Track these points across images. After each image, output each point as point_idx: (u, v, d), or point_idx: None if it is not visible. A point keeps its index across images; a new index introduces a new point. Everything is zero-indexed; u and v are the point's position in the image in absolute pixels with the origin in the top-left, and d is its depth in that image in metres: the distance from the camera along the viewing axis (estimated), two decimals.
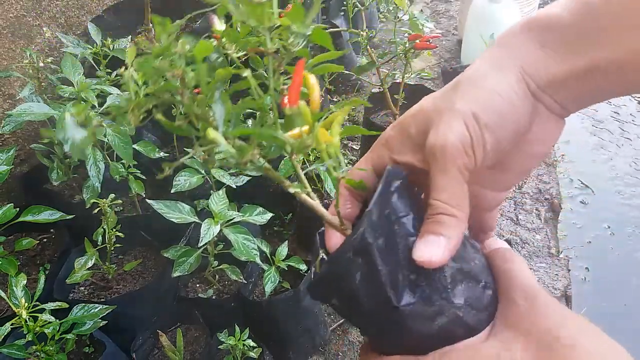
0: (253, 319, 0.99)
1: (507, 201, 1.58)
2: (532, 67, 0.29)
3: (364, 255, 0.28)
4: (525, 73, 0.29)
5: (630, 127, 2.06)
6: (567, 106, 0.30)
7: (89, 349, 0.92)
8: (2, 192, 1.20)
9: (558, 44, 0.28)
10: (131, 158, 0.94)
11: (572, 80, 0.28)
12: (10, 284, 0.76)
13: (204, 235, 0.81)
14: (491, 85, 0.29)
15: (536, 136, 0.31)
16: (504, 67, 0.29)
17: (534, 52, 0.29)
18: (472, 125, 0.28)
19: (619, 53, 0.27)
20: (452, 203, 0.28)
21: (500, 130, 0.28)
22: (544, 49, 0.29)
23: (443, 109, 0.29)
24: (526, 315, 0.27)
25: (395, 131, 0.32)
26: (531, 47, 0.29)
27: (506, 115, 0.28)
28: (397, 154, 0.31)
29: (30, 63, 0.96)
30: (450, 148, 0.28)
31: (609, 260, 1.55)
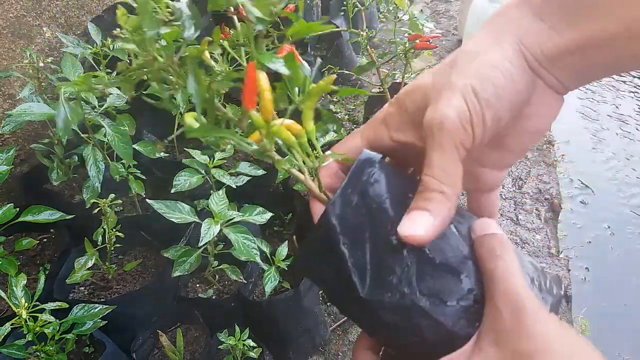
0: (253, 319, 0.99)
1: (507, 201, 1.58)
2: (530, 41, 0.28)
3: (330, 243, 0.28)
4: (523, 46, 0.28)
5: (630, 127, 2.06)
6: (565, 82, 0.29)
7: (89, 349, 0.92)
8: (2, 192, 1.20)
9: (555, 17, 0.28)
10: (131, 158, 0.94)
11: (568, 54, 0.28)
12: (10, 284, 0.76)
13: (204, 235, 0.81)
14: (489, 60, 0.28)
15: (534, 112, 0.30)
16: (502, 41, 0.28)
17: (532, 25, 0.28)
18: (471, 100, 0.27)
19: (610, 25, 0.26)
20: (443, 180, 0.27)
21: (499, 105, 0.28)
22: (541, 22, 0.28)
23: (441, 84, 0.28)
24: (511, 333, 0.26)
25: (393, 108, 0.31)
26: (529, 19, 0.28)
27: (505, 90, 0.28)
28: (395, 131, 0.31)
29: (30, 63, 0.96)
30: (448, 124, 0.27)
31: (609, 260, 1.55)
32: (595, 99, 2.29)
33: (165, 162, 1.16)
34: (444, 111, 0.27)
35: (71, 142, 0.98)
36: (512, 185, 1.63)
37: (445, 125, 0.27)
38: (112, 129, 0.92)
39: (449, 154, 0.27)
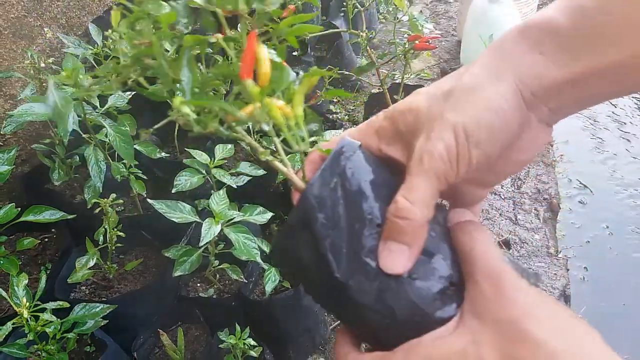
0: (253, 318, 0.99)
1: (506, 201, 1.59)
2: (528, 75, 0.28)
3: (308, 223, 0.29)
4: (520, 82, 0.29)
5: (629, 127, 2.07)
6: (558, 113, 0.30)
7: (90, 348, 0.92)
8: (3, 192, 1.20)
9: (555, 50, 0.28)
10: (132, 158, 0.95)
11: (569, 85, 0.28)
12: (11, 283, 0.77)
13: (204, 235, 0.81)
14: (485, 99, 0.28)
15: (523, 145, 0.31)
16: (499, 77, 0.29)
17: (530, 59, 0.29)
18: (461, 140, 0.28)
19: (618, 56, 0.27)
20: (417, 205, 0.28)
21: (488, 146, 0.29)
22: (540, 55, 0.28)
23: (435, 115, 0.29)
24: (492, 302, 0.26)
25: (387, 123, 0.32)
26: (528, 54, 0.29)
27: (497, 132, 0.28)
28: (385, 145, 0.32)
29: (31, 63, 0.96)
30: (437, 157, 0.28)
31: (608, 260, 1.55)
32: None
33: (166, 162, 1.17)
34: (435, 144, 0.28)
35: (72, 142, 0.99)
36: (510, 185, 1.63)
37: (434, 157, 0.28)
38: (113, 129, 0.93)
39: (430, 183, 0.28)
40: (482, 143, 0.28)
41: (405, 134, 0.31)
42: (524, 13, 1.90)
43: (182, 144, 1.25)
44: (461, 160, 0.28)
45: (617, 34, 0.27)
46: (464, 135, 0.28)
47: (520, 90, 0.29)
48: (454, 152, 0.28)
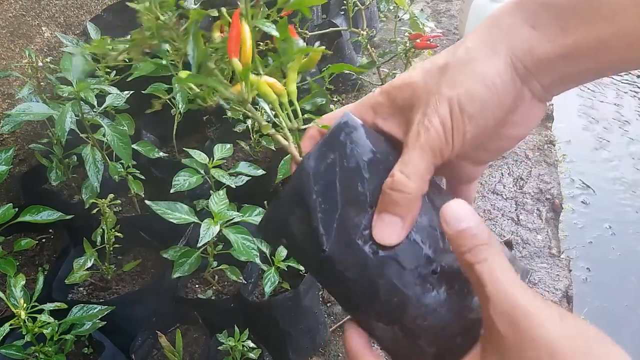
0: (253, 320, 0.99)
1: (508, 201, 1.58)
2: (522, 49, 0.28)
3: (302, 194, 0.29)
4: (514, 56, 0.29)
5: (631, 127, 2.06)
6: (551, 89, 0.30)
7: (88, 349, 0.91)
8: (0, 192, 1.20)
9: (548, 23, 0.28)
10: (130, 158, 0.94)
11: (560, 60, 0.28)
12: (9, 284, 0.76)
13: (203, 236, 0.80)
14: (479, 74, 0.29)
15: (517, 120, 0.31)
16: (494, 51, 0.29)
17: (525, 33, 0.28)
18: (456, 114, 0.28)
19: (607, 31, 0.26)
20: (412, 178, 0.29)
21: (482, 120, 0.29)
22: (533, 29, 0.28)
23: (431, 89, 0.29)
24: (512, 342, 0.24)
25: (383, 98, 0.32)
26: (522, 27, 0.29)
27: (491, 106, 0.29)
28: (381, 120, 0.32)
29: (29, 63, 0.95)
30: (433, 131, 0.29)
31: (610, 261, 1.54)
32: (596, 99, 2.28)
33: (165, 162, 1.16)
34: (431, 119, 0.29)
35: (70, 142, 0.98)
36: (513, 185, 1.62)
37: (430, 132, 0.29)
38: (111, 129, 0.92)
39: (426, 157, 0.29)
40: (476, 117, 0.29)
41: (402, 109, 0.31)
42: None
43: (181, 144, 1.24)
44: (456, 134, 0.29)
45: (610, 9, 0.26)
46: (458, 109, 0.28)
47: (514, 64, 0.29)
48: (448, 126, 0.29)
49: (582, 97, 2.30)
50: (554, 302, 1.28)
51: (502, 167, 1.69)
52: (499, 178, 1.65)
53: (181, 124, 1.17)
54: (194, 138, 1.35)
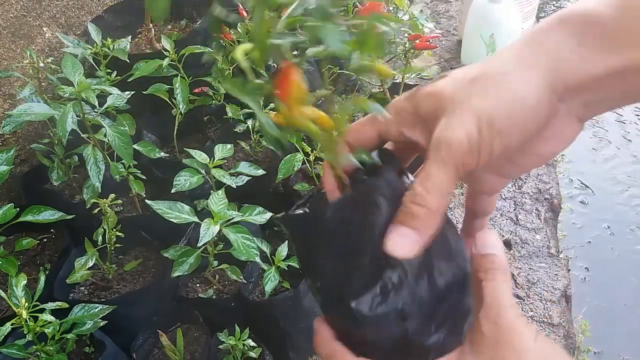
0: (253, 319, 0.99)
1: (507, 201, 1.58)
2: (563, 67, 0.27)
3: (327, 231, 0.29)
4: (554, 73, 0.27)
5: (630, 127, 2.06)
6: (593, 108, 0.29)
7: (89, 348, 0.92)
8: (2, 192, 1.20)
9: (595, 41, 0.27)
10: (131, 158, 0.94)
11: (607, 80, 0.27)
12: (10, 284, 0.76)
13: (203, 235, 0.81)
14: (513, 88, 0.27)
15: (550, 137, 0.30)
16: (531, 67, 0.28)
17: (568, 49, 0.27)
18: (485, 128, 0.27)
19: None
20: (432, 193, 0.28)
21: (512, 137, 0.28)
22: (579, 47, 0.27)
23: (459, 101, 0.28)
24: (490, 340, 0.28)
25: (408, 105, 0.31)
26: (565, 44, 0.27)
27: (522, 122, 0.28)
28: (406, 127, 0.31)
29: (30, 63, 0.96)
30: (457, 144, 0.27)
31: (609, 260, 1.55)
32: None
33: (166, 162, 1.17)
34: (455, 131, 0.27)
35: (71, 142, 0.98)
36: (511, 185, 1.63)
37: (453, 145, 0.27)
38: (112, 129, 0.92)
39: (448, 171, 0.28)
40: (506, 133, 0.27)
41: (426, 118, 0.30)
42: (524, 13, 1.89)
43: (182, 144, 1.24)
44: (483, 149, 0.27)
45: None
46: (487, 123, 0.27)
47: (552, 82, 0.27)
48: (475, 140, 0.27)
49: None
50: (552, 301, 1.29)
51: None
52: None
53: (182, 124, 1.18)
54: (195, 138, 1.35)
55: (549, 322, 1.25)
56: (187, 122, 1.18)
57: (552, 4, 2.68)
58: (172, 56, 1.08)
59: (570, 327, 1.27)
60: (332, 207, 0.29)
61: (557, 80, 0.27)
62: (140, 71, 1.05)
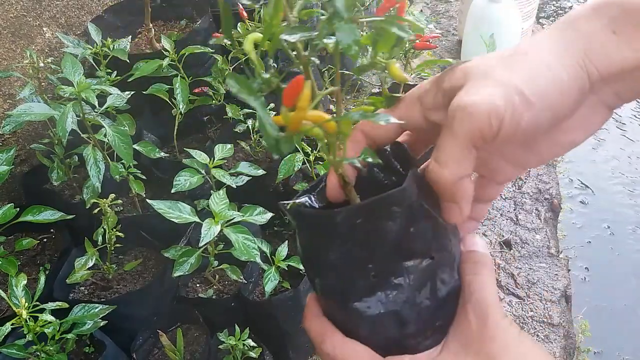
0: (253, 319, 0.99)
1: (507, 201, 1.58)
2: (598, 53, 0.26)
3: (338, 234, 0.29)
4: (588, 59, 0.26)
5: (630, 127, 2.06)
6: (623, 95, 0.28)
7: (89, 348, 0.92)
8: (2, 192, 1.20)
9: (631, 30, 0.26)
10: (131, 158, 0.94)
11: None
12: (10, 284, 0.76)
13: (204, 235, 0.81)
14: (545, 65, 0.26)
15: (575, 124, 0.29)
16: (566, 50, 0.27)
17: (602, 37, 0.26)
18: (511, 96, 0.25)
19: None
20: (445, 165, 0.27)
21: (542, 114, 0.26)
22: (614, 35, 0.26)
23: (485, 70, 0.27)
24: (476, 335, 0.28)
25: (430, 85, 0.30)
26: (600, 31, 0.26)
27: (553, 98, 0.26)
28: (428, 110, 0.29)
29: (30, 63, 0.96)
30: (472, 107, 0.25)
31: (609, 260, 1.55)
32: None
33: (166, 162, 1.16)
34: (473, 96, 0.26)
35: (71, 142, 0.98)
36: (511, 185, 1.63)
37: (468, 109, 0.26)
38: (112, 129, 0.92)
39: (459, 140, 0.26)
40: (537, 108, 0.26)
41: (450, 92, 0.28)
42: (524, 12, 1.89)
43: (182, 144, 1.24)
44: (508, 119, 0.25)
45: None
46: (515, 92, 0.25)
47: (586, 67, 0.26)
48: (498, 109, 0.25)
49: None
50: (552, 301, 1.29)
51: None
52: None
53: (182, 124, 1.18)
54: (195, 138, 1.35)
55: (549, 322, 1.25)
56: (187, 122, 1.18)
57: (552, 4, 2.68)
58: (172, 56, 1.08)
59: (570, 327, 1.27)
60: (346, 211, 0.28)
61: (590, 67, 0.27)
62: (140, 71, 1.05)
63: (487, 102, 0.25)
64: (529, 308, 1.28)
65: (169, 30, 1.43)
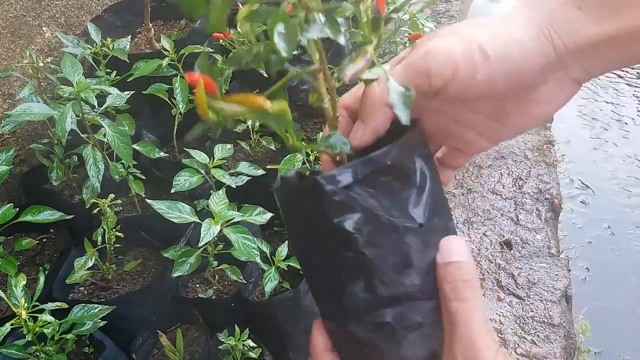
0: (253, 319, 0.99)
1: (508, 201, 1.58)
2: (563, 28, 0.27)
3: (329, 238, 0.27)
4: (555, 32, 0.27)
5: (630, 127, 2.06)
6: (591, 70, 0.28)
7: (89, 349, 0.91)
8: (1, 192, 1.20)
9: (597, 6, 0.27)
10: (131, 158, 0.94)
11: (606, 44, 0.27)
12: (9, 284, 0.76)
13: (204, 235, 0.81)
14: (510, 31, 0.27)
15: (543, 97, 0.29)
16: (531, 20, 0.27)
17: (568, 11, 0.27)
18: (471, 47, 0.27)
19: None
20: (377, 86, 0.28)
21: (499, 69, 0.27)
22: (579, 10, 0.27)
23: (449, 29, 0.28)
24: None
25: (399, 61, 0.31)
26: (565, 6, 0.27)
27: (514, 61, 0.27)
28: None
29: (30, 63, 0.96)
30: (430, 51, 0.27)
31: (609, 261, 1.55)
32: (596, 99, 2.28)
33: (165, 162, 1.16)
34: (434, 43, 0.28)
35: (71, 142, 0.98)
36: (512, 185, 1.62)
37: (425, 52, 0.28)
38: (111, 129, 0.92)
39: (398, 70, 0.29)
40: (492, 60, 0.27)
41: None
42: None
43: (181, 144, 1.24)
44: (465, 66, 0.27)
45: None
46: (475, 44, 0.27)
47: (551, 37, 0.27)
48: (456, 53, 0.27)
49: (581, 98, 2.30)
50: (553, 301, 1.29)
51: (502, 167, 1.69)
52: (498, 178, 1.65)
53: (181, 124, 1.18)
54: (195, 138, 1.35)
55: (550, 323, 1.24)
56: (186, 122, 1.18)
57: None
58: (172, 56, 1.08)
59: (571, 327, 1.27)
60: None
61: (556, 37, 0.27)
62: (140, 71, 1.05)
63: (445, 47, 0.27)
64: (530, 308, 1.28)
65: (169, 30, 1.43)
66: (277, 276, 0.94)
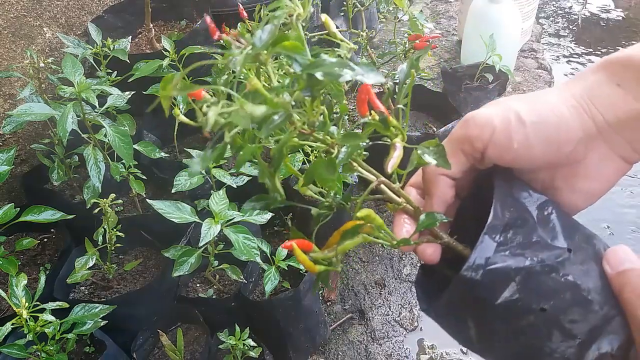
0: (253, 319, 0.99)
1: None
2: (602, 103, 0.28)
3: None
4: (592, 104, 0.28)
5: None
6: (637, 146, 0.29)
7: (90, 348, 0.92)
8: (2, 192, 1.20)
9: (634, 83, 0.28)
10: (131, 158, 0.94)
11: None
12: (10, 283, 0.76)
13: (204, 235, 0.81)
14: (550, 102, 0.29)
15: (589, 172, 0.30)
16: (571, 95, 0.29)
17: (607, 88, 0.29)
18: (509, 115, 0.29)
19: None
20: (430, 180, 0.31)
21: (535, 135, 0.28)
22: (618, 87, 0.28)
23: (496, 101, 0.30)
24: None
25: None
26: (605, 84, 0.29)
27: (550, 128, 0.28)
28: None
29: (30, 63, 0.96)
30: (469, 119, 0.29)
31: None
32: None
33: (166, 162, 1.17)
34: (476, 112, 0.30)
35: (72, 142, 0.99)
36: None
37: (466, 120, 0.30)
38: (112, 129, 0.92)
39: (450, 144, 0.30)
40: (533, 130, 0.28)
41: None
42: (524, 13, 1.89)
43: (182, 144, 1.24)
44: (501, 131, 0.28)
45: None
46: (513, 113, 0.28)
47: (590, 111, 0.28)
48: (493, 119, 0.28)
49: None
50: None
51: None
52: None
53: (182, 124, 1.18)
54: (195, 138, 1.35)
55: None
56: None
57: (552, 4, 2.68)
58: (172, 56, 1.08)
59: None
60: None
61: (595, 111, 0.28)
62: (141, 71, 1.05)
63: (484, 114, 0.29)
64: None
65: (169, 30, 1.44)
66: (277, 276, 0.94)
